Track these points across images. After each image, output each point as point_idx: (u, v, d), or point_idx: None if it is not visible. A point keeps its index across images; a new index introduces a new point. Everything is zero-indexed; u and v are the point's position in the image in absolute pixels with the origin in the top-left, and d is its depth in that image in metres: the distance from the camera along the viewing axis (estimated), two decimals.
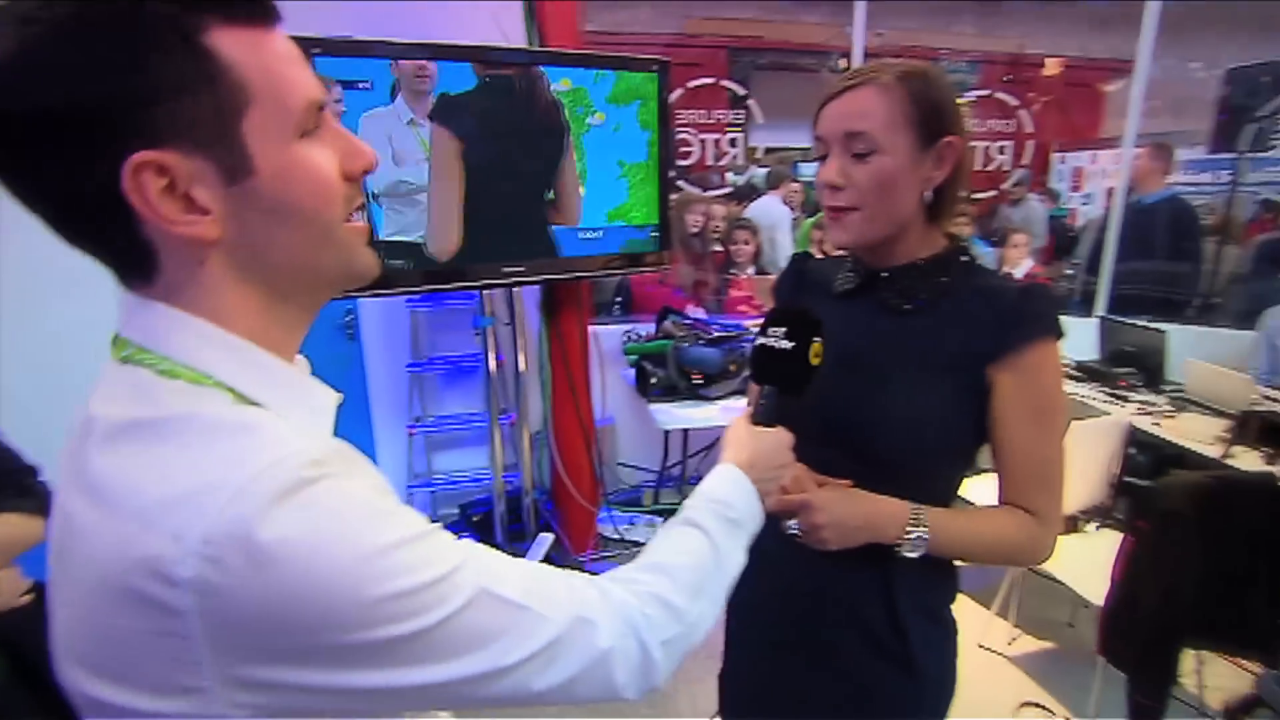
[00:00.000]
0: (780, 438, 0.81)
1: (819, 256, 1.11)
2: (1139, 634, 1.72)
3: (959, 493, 0.97)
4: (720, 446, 0.81)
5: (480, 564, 0.50)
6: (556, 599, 0.53)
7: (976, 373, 0.86)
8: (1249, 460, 2.22)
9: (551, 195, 2.35)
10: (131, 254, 0.47)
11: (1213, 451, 2.31)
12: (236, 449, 0.44)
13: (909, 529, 0.85)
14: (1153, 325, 3.02)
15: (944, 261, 0.90)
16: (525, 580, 0.52)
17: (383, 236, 2.12)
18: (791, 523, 0.87)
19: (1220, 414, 2.52)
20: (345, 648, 0.43)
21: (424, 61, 2.07)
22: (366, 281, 0.57)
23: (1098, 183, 6.72)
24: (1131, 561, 1.77)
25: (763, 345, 0.83)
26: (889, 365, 0.90)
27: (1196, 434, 2.39)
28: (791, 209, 4.94)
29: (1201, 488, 1.65)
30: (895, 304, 0.91)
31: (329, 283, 0.55)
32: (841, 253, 0.99)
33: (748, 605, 1.05)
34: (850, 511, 0.85)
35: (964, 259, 0.91)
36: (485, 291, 2.50)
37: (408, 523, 0.47)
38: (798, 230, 4.86)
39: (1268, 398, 2.46)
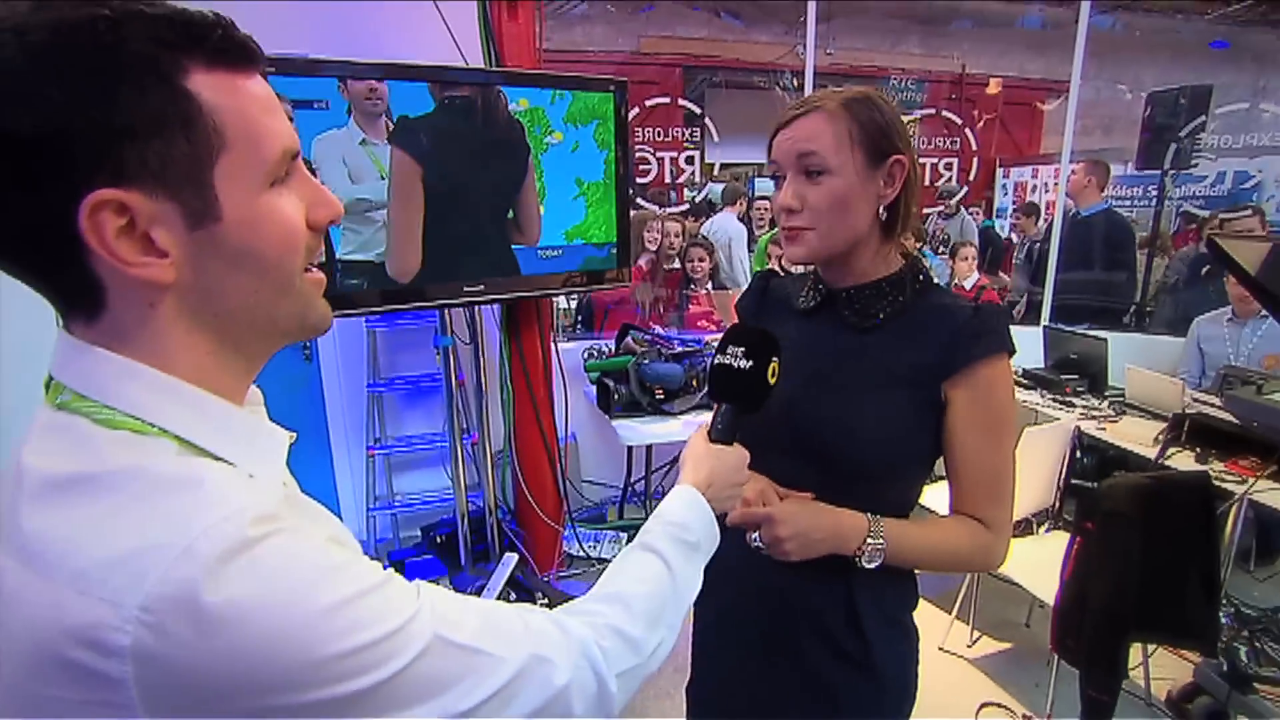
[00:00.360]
0: (738, 455, 0.83)
1: (781, 275, 1.15)
2: (1088, 630, 1.79)
3: (918, 502, 1.00)
4: (679, 464, 0.83)
5: (434, 610, 0.49)
6: (513, 638, 0.53)
7: (933, 388, 0.90)
8: (1184, 460, 2.34)
9: (512, 215, 2.36)
10: (79, 291, 0.45)
11: (1150, 453, 2.42)
12: (179, 507, 0.42)
13: (868, 540, 0.88)
14: (1094, 334, 3.17)
15: (900, 281, 0.94)
16: (480, 622, 0.52)
17: (340, 255, 2.09)
18: (754, 535, 0.89)
19: (1157, 417, 2.65)
20: (300, 706, 0.42)
21: (374, 83, 2.06)
22: (320, 334, 0.57)
23: (1039, 197, 7.04)
24: (1079, 561, 1.84)
25: (721, 364, 0.85)
26: (850, 380, 0.93)
27: (1136, 437, 2.50)
28: (758, 224, 5.04)
29: (1141, 488, 1.73)
30: (855, 322, 0.94)
31: (283, 333, 0.54)
32: (801, 269, 1.03)
33: (713, 617, 1.08)
34: (812, 524, 0.88)
35: (920, 278, 0.95)
36: (446, 310, 2.48)
37: (360, 575, 0.46)
38: (755, 245, 4.96)
39: (1198, 400, 2.59)
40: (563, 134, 2.37)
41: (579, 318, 3.74)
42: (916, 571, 1.01)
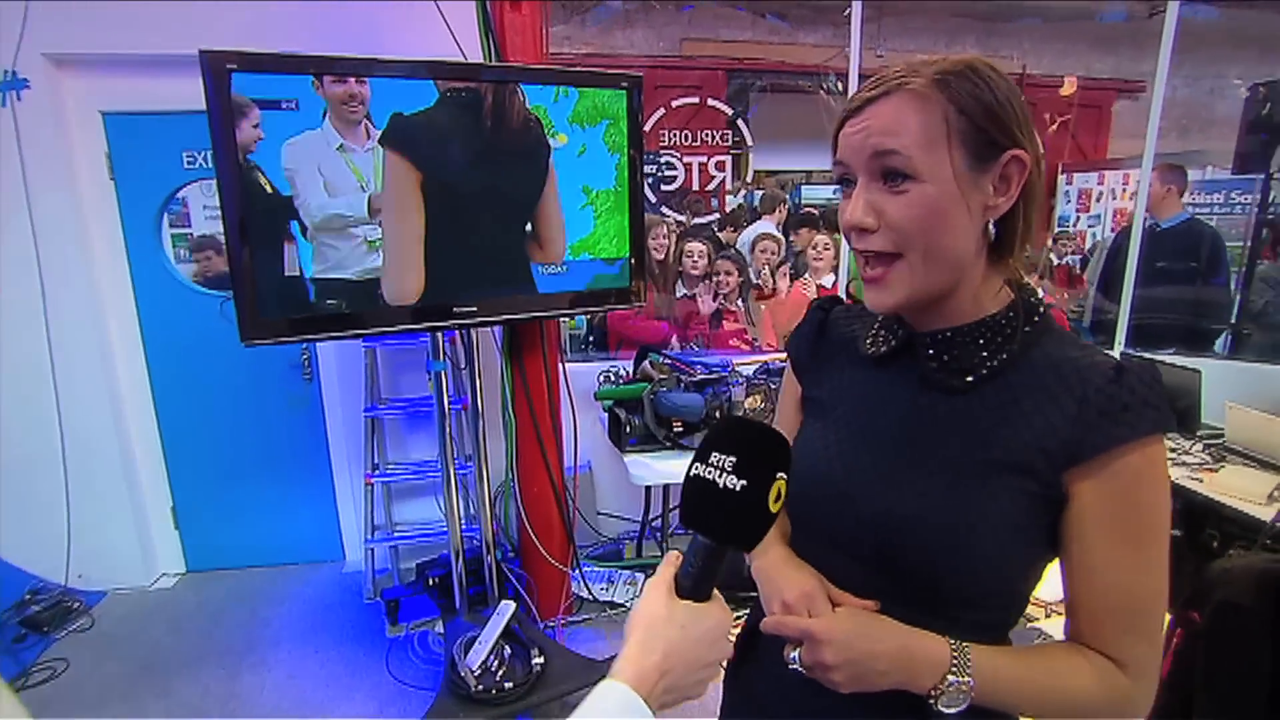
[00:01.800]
0: (716, 620, 0.56)
1: (846, 302, 0.88)
2: None
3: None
4: (626, 629, 0.55)
5: None
6: None
7: (1050, 478, 0.65)
8: None
9: (531, 228, 2.12)
10: None
11: (1262, 512, 2.01)
12: None
13: (949, 677, 0.64)
14: (1184, 364, 2.73)
15: (1008, 323, 0.69)
16: None
17: (313, 274, 1.88)
18: (794, 654, 0.66)
19: (1269, 466, 2.23)
20: None
21: (354, 89, 1.84)
22: None
23: (1105, 205, 6.54)
24: (1182, 660, 1.48)
25: (700, 478, 0.57)
26: (930, 457, 0.69)
27: (1244, 491, 2.09)
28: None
29: (1270, 574, 1.36)
30: (943, 378, 0.70)
31: None
32: None
33: None
34: (872, 650, 0.64)
35: (1035, 318, 0.69)
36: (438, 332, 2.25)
37: None
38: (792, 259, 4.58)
39: None
40: (567, 136, 2.12)
41: (589, 337, 3.47)
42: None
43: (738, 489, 0.55)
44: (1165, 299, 3.41)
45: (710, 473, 0.56)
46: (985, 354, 0.68)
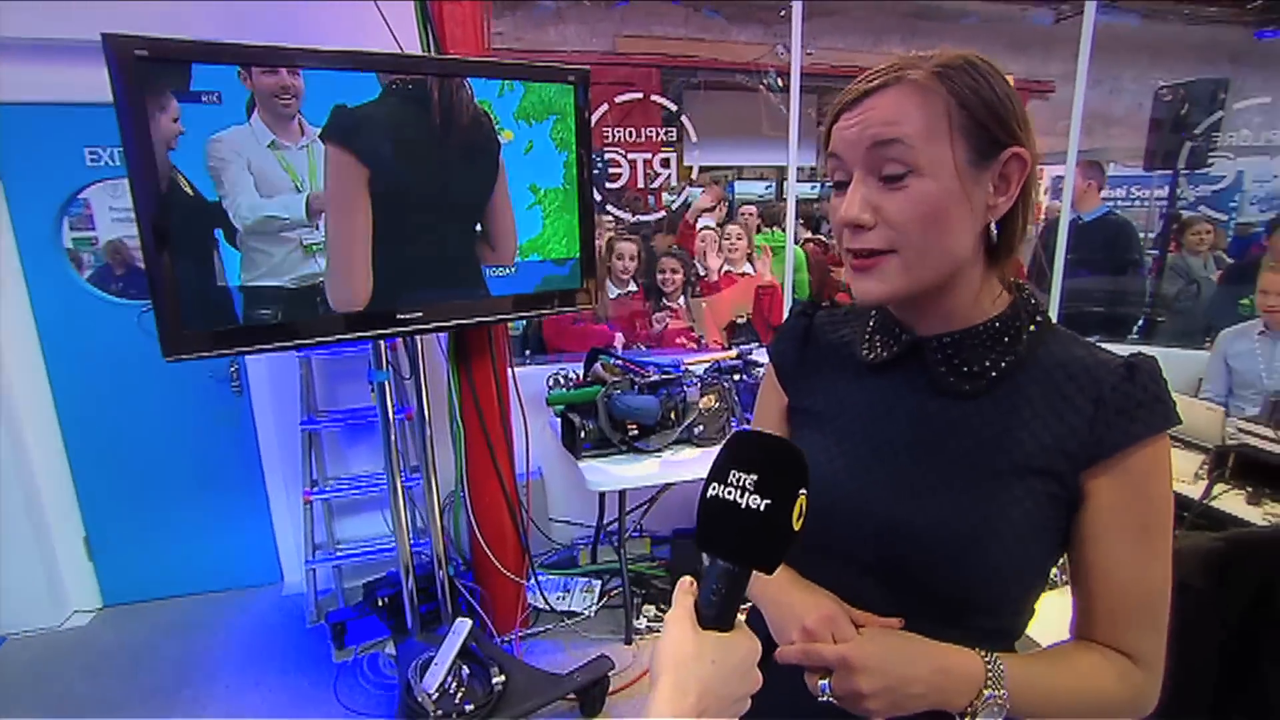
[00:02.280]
0: (746, 648, 0.53)
1: (826, 306, 0.85)
2: None
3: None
4: (651, 667, 0.51)
5: None
6: None
7: (1067, 480, 0.65)
8: (1232, 501, 2.06)
9: (481, 229, 2.03)
10: None
11: (1190, 490, 2.13)
12: None
13: (985, 691, 0.62)
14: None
15: (1013, 323, 0.68)
16: None
17: (243, 282, 1.73)
18: (824, 684, 0.64)
19: (1192, 446, 2.36)
20: None
21: (286, 80, 1.71)
22: None
23: None
24: None
25: (719, 499, 0.53)
26: (945, 464, 0.68)
27: (1175, 471, 2.21)
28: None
29: (1214, 553, 1.43)
30: (953, 383, 0.68)
31: None
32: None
33: None
34: (907, 673, 0.62)
35: (1037, 318, 0.68)
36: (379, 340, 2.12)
37: None
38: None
39: (1244, 431, 2.31)
40: (513, 133, 2.03)
41: (526, 349, 3.37)
42: None
43: (761, 508, 0.52)
44: (1089, 289, 3.60)
45: (730, 493, 0.53)
46: (995, 355, 0.67)
